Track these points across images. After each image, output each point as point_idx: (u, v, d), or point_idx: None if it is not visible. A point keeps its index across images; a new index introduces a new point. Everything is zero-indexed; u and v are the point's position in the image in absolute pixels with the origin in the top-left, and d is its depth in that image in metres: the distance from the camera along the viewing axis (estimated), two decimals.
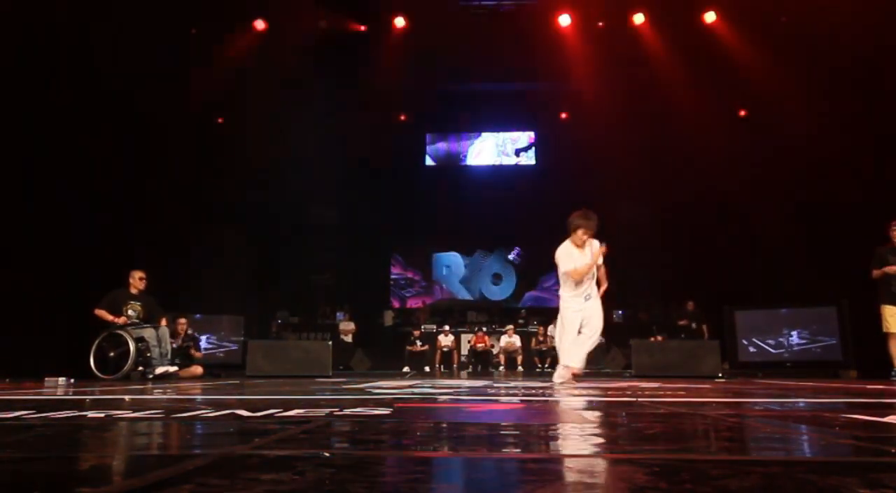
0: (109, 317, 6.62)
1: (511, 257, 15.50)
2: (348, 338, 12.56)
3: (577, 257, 5.46)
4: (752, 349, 9.60)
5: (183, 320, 8.05)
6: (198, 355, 8.05)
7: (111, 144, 8.72)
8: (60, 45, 7.87)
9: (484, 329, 12.82)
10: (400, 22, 10.58)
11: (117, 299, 6.79)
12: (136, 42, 8.55)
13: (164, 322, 6.91)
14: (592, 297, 5.53)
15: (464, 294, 15.53)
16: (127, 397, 3.29)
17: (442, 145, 15.68)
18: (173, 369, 6.74)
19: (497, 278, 15.53)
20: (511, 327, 12.41)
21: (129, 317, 6.74)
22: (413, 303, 15.26)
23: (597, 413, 2.35)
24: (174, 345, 7.22)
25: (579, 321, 5.43)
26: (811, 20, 8.96)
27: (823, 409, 2.62)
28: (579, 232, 5.50)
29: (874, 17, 7.91)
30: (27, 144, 7.75)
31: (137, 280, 6.92)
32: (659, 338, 10.56)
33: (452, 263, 15.67)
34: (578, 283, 5.41)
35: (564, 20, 10.52)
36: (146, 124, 9.19)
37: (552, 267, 5.72)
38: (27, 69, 7.64)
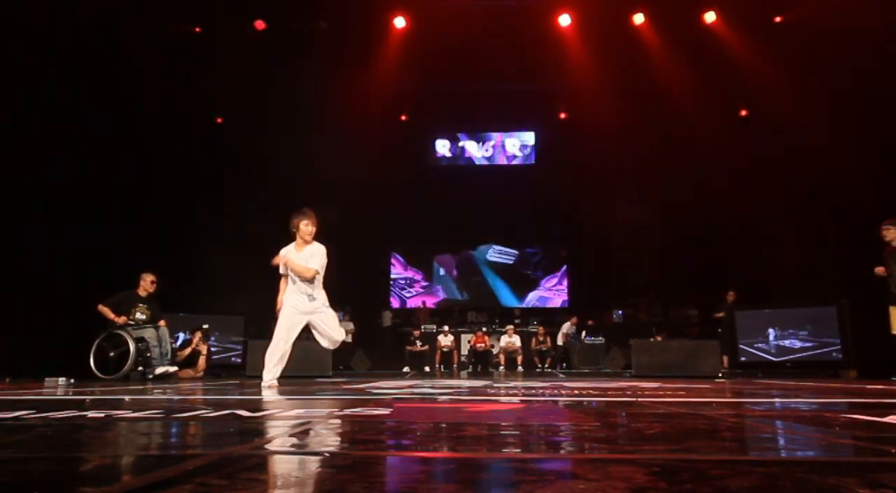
0: (111, 315, 6.64)
1: (511, 257, 15.51)
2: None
3: (293, 256, 5.02)
4: (751, 349, 9.60)
5: (198, 334, 8.05)
6: (203, 365, 8.02)
7: (111, 143, 8.72)
8: (61, 45, 7.88)
9: (484, 329, 12.82)
10: (400, 22, 10.58)
11: (126, 300, 6.81)
12: (140, 41, 8.57)
13: (163, 324, 6.91)
14: (322, 303, 5.12)
15: (466, 294, 15.52)
16: (127, 398, 3.29)
17: (442, 145, 15.67)
18: (173, 369, 6.74)
19: (501, 278, 15.52)
20: (511, 327, 12.42)
21: (138, 320, 6.76)
22: (413, 303, 15.26)
23: (597, 413, 2.35)
24: (174, 345, 7.22)
25: (297, 323, 4.94)
26: (811, 19, 8.96)
27: (823, 409, 2.62)
28: (302, 224, 5.00)
29: (878, 17, 7.90)
30: (27, 144, 7.75)
31: (148, 283, 6.93)
32: (658, 338, 10.56)
33: (453, 262, 15.68)
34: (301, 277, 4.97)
35: (564, 20, 10.52)
36: (146, 124, 9.20)
37: (553, 267, 5.64)
38: (29, 65, 7.65)
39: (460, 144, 15.68)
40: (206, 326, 8.26)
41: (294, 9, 10.21)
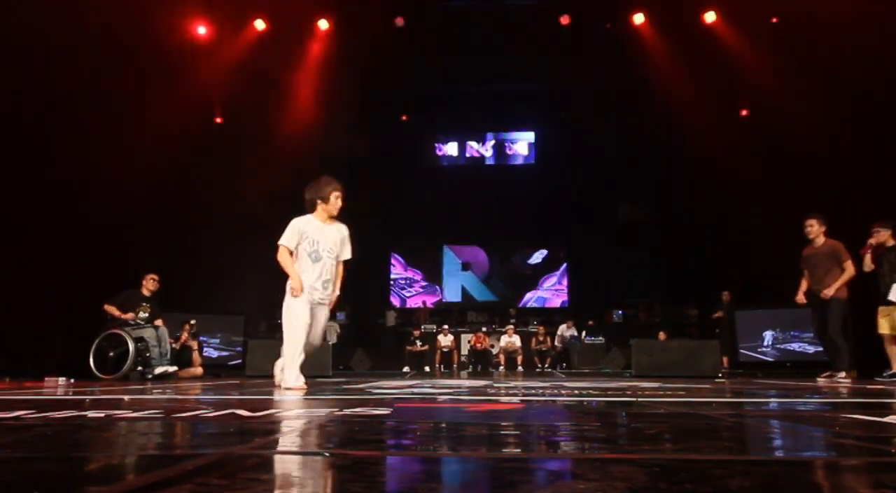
0: (117, 312, 6.67)
1: (532, 260, 15.46)
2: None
3: (319, 233, 4.26)
4: (751, 349, 9.59)
5: (187, 325, 8.03)
6: (198, 360, 8.00)
7: (112, 146, 8.72)
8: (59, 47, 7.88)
9: (484, 329, 12.82)
10: (400, 22, 10.59)
11: (130, 299, 6.83)
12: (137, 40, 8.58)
13: (161, 323, 6.92)
14: (326, 294, 4.31)
15: (469, 295, 15.51)
16: (127, 397, 3.28)
17: (441, 145, 15.68)
18: (173, 369, 6.75)
19: (506, 279, 15.51)
20: (511, 327, 12.42)
21: (142, 319, 6.78)
22: (413, 302, 15.25)
23: (597, 413, 2.35)
24: (173, 345, 7.22)
25: (310, 320, 4.19)
26: (809, 19, 8.96)
27: (823, 409, 2.62)
28: (333, 197, 4.30)
29: (874, 16, 7.90)
30: (24, 145, 7.75)
31: (150, 282, 6.97)
32: (662, 335, 10.57)
33: (461, 261, 15.66)
34: (316, 259, 4.22)
35: (565, 20, 10.53)
36: (144, 121, 9.20)
37: (553, 267, 5.57)
38: (30, 65, 7.65)
39: (460, 143, 15.68)
40: (192, 321, 8.21)
41: (294, 8, 10.22)
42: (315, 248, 4.26)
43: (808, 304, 6.20)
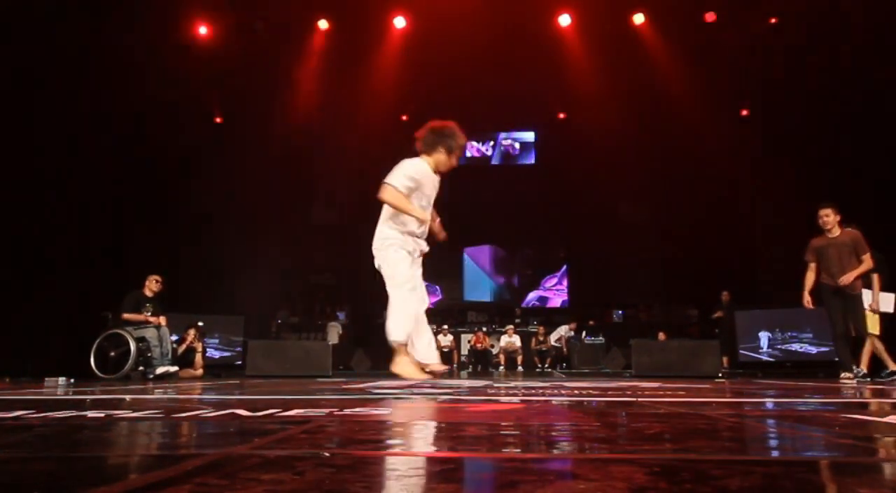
0: (142, 317, 6.67)
1: (532, 263, 15.45)
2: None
3: (431, 187, 3.84)
4: (751, 350, 9.59)
5: (192, 332, 8.04)
6: (201, 362, 7.99)
7: (112, 147, 8.72)
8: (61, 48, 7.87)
9: (484, 329, 12.82)
10: (400, 22, 10.59)
11: (137, 300, 6.83)
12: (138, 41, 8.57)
13: (163, 322, 6.92)
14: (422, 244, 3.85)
15: (471, 294, 15.50)
16: (127, 397, 3.28)
17: None
18: (174, 369, 6.75)
19: (508, 279, 15.49)
20: (511, 327, 12.42)
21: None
22: None
23: (597, 413, 2.35)
24: (174, 345, 7.22)
25: (414, 274, 3.76)
26: (808, 19, 8.96)
27: (823, 409, 2.62)
28: (459, 154, 3.90)
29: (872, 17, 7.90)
30: (24, 146, 7.75)
31: (153, 283, 6.98)
32: (662, 335, 10.56)
33: (463, 261, 15.64)
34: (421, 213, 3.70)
35: (564, 20, 10.53)
36: (145, 123, 9.20)
37: (553, 267, 5.55)
38: (32, 68, 7.65)
39: None
40: (200, 323, 8.23)
41: (294, 8, 10.22)
42: (422, 204, 3.76)
43: (823, 300, 5.78)
